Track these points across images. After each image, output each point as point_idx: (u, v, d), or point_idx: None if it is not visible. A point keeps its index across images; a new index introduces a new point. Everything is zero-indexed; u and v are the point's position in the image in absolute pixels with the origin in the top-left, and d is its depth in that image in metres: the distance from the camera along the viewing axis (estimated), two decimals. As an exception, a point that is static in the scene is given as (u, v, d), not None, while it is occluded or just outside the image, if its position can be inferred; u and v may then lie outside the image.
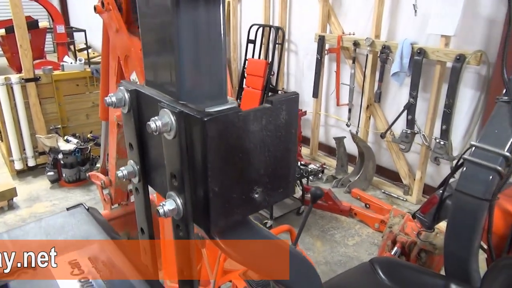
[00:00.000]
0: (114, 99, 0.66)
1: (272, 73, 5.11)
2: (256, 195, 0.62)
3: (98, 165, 4.45)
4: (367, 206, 3.91)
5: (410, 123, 3.87)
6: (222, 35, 0.61)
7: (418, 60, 3.65)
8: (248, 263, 0.69)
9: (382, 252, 2.39)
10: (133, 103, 0.67)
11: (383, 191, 4.34)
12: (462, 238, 1.38)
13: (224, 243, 0.62)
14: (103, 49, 2.42)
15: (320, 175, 4.55)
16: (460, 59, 3.33)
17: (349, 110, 4.51)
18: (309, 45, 4.83)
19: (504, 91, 1.38)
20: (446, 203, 1.51)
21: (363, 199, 3.96)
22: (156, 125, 0.55)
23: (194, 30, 0.59)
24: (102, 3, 2.05)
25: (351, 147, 4.48)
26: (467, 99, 3.59)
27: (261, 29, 5.24)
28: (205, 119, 0.53)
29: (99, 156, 4.67)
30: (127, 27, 2.05)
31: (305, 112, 4.86)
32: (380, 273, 1.44)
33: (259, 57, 5.35)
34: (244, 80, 5.36)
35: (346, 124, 4.56)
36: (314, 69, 4.68)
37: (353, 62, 4.29)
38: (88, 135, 4.60)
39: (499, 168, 1.29)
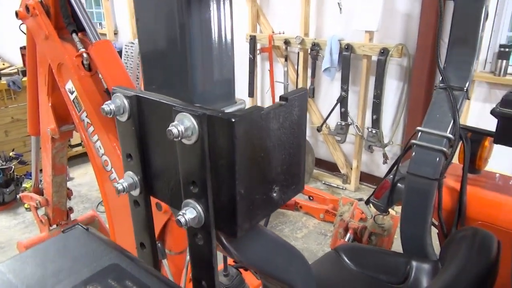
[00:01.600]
0: (112, 107, 0.61)
1: (206, 75, 5.07)
2: (274, 194, 0.61)
3: (25, 185, 4.09)
4: (311, 198, 4.04)
5: (344, 115, 4.08)
6: (231, 34, 0.59)
7: (346, 55, 3.86)
8: (255, 265, 0.68)
9: (335, 240, 2.49)
10: (133, 110, 0.62)
11: (323, 182, 4.52)
12: (417, 217, 1.48)
13: (233, 246, 0.60)
14: (29, 58, 2.22)
15: (262, 173, 4.61)
16: (384, 52, 3.58)
17: (285, 107, 4.63)
18: (241, 45, 4.86)
19: (441, 78, 1.51)
20: (398, 186, 1.62)
21: (306, 191, 4.08)
22: (178, 130, 0.52)
23: (205, 29, 0.56)
24: (27, 8, 1.88)
25: (290, 143, 4.59)
26: (393, 89, 3.87)
27: (190, 31, 5.17)
28: (233, 120, 0.51)
29: (24, 176, 4.30)
30: (57, 32, 1.90)
31: (242, 112, 4.88)
32: (346, 260, 1.49)
33: (190, 60, 5.28)
34: (177, 83, 5.24)
35: (283, 121, 4.67)
36: (248, 69, 4.72)
37: (286, 60, 4.41)
38: (10, 153, 4.19)
39: (444, 149, 1.41)
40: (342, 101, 4.02)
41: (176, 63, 0.58)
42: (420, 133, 1.47)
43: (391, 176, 1.65)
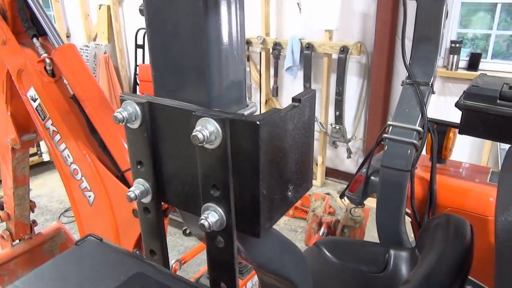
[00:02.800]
0: (125, 114, 0.59)
1: (167, 77, 5.00)
2: (289, 193, 0.62)
3: (-21, 200, 3.84)
4: (279, 196, 4.08)
5: (307, 112, 4.16)
6: (244, 36, 0.60)
7: (308, 54, 3.94)
8: (262, 263, 0.69)
9: (309, 236, 2.54)
10: (145, 116, 0.60)
11: (290, 179, 4.59)
12: (392, 208, 1.55)
13: (244, 245, 0.61)
14: (-17, 65, 2.09)
15: (229, 174, 4.62)
16: (344, 50, 3.69)
17: (249, 107, 4.65)
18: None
19: (407, 74, 1.58)
20: (371, 179, 1.68)
21: (275, 190, 4.12)
22: (204, 135, 0.52)
23: (222, 32, 0.56)
24: (-20, 12, 1.77)
25: (256, 142, 4.62)
26: (353, 86, 4.00)
27: (148, 33, 5.07)
28: (258, 123, 0.52)
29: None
30: (15, 37, 1.81)
31: (206, 113, 4.87)
32: (327, 253, 1.53)
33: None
34: (137, 87, 5.13)
35: (248, 121, 4.69)
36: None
37: (248, 60, 4.43)
38: (-40, 167, 3.91)
39: (415, 141, 1.48)
40: (305, 99, 4.10)
41: (193, 67, 0.57)
42: (391, 127, 1.53)
43: (364, 170, 1.71)
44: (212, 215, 0.56)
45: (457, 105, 1.44)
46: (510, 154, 1.00)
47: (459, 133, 1.50)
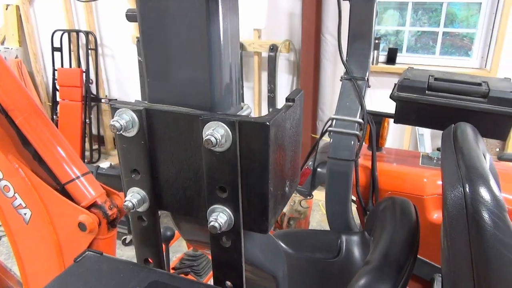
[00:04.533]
0: (123, 122, 0.56)
1: (91, 81, 4.72)
2: (287, 189, 0.64)
3: None
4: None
5: (241, 111, 4.21)
6: (239, 38, 0.60)
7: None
8: (250, 259, 0.70)
9: (257, 231, 2.60)
10: (143, 124, 0.58)
11: (228, 178, 4.61)
12: (340, 196, 1.65)
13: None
14: None
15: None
16: (273, 48, 3.80)
17: (182, 108, 4.58)
18: (127, 48, 4.64)
19: (345, 71, 1.69)
20: (318, 171, 1.77)
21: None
22: (216, 139, 0.51)
23: (223, 36, 0.55)
24: None
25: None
26: (284, 82, 4.14)
27: (66, 35, 4.74)
28: (268, 124, 0.53)
29: None
30: None
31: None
32: (283, 245, 1.58)
33: (70, 66, 4.85)
34: (57, 93, 4.79)
35: (181, 122, 4.62)
36: (138, 72, 4.53)
37: (177, 61, 4.35)
38: None
39: (357, 132, 1.59)
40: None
41: (194, 72, 0.56)
42: (335, 120, 1.63)
43: (310, 163, 1.80)
44: (221, 217, 0.57)
45: (391, 96, 1.57)
46: (445, 138, 1.10)
47: (394, 122, 1.64)
